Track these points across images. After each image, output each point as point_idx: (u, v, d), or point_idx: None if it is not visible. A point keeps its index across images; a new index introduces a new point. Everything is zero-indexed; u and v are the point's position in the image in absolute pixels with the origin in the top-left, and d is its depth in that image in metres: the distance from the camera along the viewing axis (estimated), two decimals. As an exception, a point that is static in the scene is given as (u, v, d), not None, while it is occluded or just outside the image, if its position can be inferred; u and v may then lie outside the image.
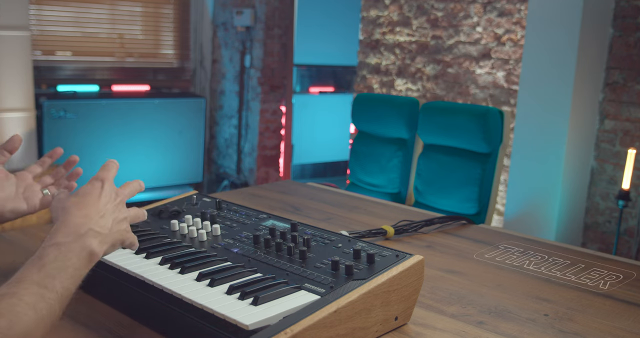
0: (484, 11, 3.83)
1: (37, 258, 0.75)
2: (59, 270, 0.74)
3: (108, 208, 0.85)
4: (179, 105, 5.14)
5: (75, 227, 0.79)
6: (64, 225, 0.79)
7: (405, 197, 3.02)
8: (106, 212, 0.84)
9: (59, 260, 0.75)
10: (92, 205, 0.83)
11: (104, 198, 0.85)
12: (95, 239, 0.80)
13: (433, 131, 2.82)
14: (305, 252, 1.00)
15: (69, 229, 0.79)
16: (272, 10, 5.10)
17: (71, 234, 0.78)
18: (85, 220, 0.81)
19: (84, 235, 0.79)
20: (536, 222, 3.20)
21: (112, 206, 0.86)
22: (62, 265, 0.75)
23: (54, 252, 0.76)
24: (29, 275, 0.73)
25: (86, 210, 0.82)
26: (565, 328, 1.00)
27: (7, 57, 4.09)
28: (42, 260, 0.75)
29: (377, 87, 4.56)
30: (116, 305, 1.02)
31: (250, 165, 5.37)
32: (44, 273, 0.73)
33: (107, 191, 0.86)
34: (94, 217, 0.82)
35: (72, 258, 0.76)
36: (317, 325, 0.82)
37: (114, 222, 0.84)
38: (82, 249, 0.78)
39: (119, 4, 5.09)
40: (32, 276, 0.73)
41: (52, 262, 0.75)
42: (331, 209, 1.71)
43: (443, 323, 1.01)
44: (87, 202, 0.84)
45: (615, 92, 3.18)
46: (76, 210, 0.82)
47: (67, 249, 0.77)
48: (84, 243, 0.78)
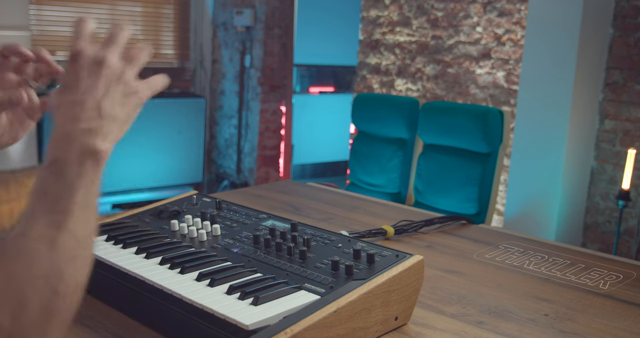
0: (484, 11, 3.83)
1: (36, 188, 0.63)
2: (66, 188, 0.62)
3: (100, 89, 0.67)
4: (179, 105, 5.14)
5: (63, 133, 0.65)
6: (52, 138, 0.65)
7: (405, 197, 3.02)
8: (95, 97, 0.66)
9: (60, 180, 0.62)
10: (75, 95, 0.66)
11: (83, 80, 0.67)
12: (90, 138, 0.64)
13: (433, 131, 2.82)
14: (305, 252, 1.00)
15: (57, 139, 0.65)
16: (272, 10, 5.10)
17: (62, 144, 0.64)
18: (71, 120, 0.65)
19: (75, 139, 0.64)
20: (536, 222, 3.20)
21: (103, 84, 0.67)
22: (64, 183, 0.62)
23: (51, 174, 0.63)
24: (34, 209, 0.61)
25: (69, 106, 0.66)
26: (565, 328, 1.00)
27: (7, 57, 4.09)
28: (42, 187, 0.62)
29: (377, 87, 4.56)
30: (116, 305, 1.02)
31: (250, 165, 5.37)
32: (49, 199, 0.61)
33: (85, 67, 0.67)
34: (80, 110, 0.65)
35: (73, 171, 0.63)
36: (317, 325, 0.82)
37: (111, 105, 0.68)
38: (80, 156, 0.64)
39: (119, 4, 5.09)
40: (37, 207, 0.61)
41: (53, 184, 0.62)
42: (331, 209, 1.71)
43: (443, 323, 1.01)
44: (69, 93, 0.67)
45: (615, 92, 3.18)
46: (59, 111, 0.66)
47: (63, 164, 0.63)
48: (81, 149, 0.64)
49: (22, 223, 0.61)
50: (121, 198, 4.78)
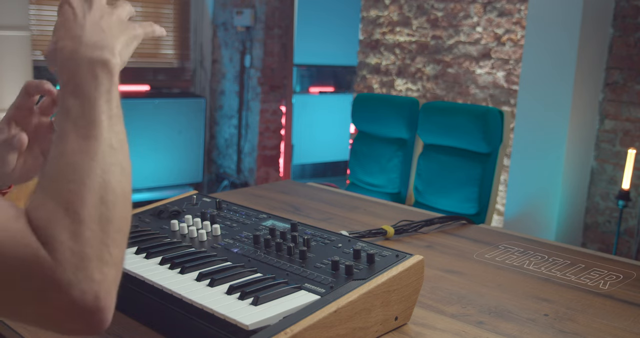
0: (484, 11, 3.83)
1: (60, 110, 0.64)
2: (86, 103, 0.63)
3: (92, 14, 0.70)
4: (179, 105, 5.14)
5: (70, 52, 0.66)
6: (61, 62, 0.67)
7: (405, 197, 3.02)
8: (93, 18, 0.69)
9: (79, 96, 0.63)
10: (71, 21, 0.68)
11: (79, 12, 0.69)
12: (97, 50, 0.66)
13: (433, 131, 2.82)
14: (305, 252, 1.00)
15: (66, 59, 0.66)
16: (272, 10, 5.10)
17: (71, 62, 0.66)
18: (74, 41, 0.67)
19: (84, 54, 0.66)
20: (536, 222, 3.20)
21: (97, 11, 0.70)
22: (84, 97, 0.63)
23: (69, 93, 0.64)
24: (62, 130, 0.62)
25: (67, 26, 0.68)
26: (565, 328, 1.00)
27: (7, 57, 4.09)
28: (64, 107, 0.63)
29: (377, 87, 4.56)
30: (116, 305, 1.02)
31: (250, 165, 5.37)
32: (74, 116, 0.62)
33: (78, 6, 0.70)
34: (81, 30, 0.67)
35: (88, 84, 0.64)
36: (317, 325, 0.82)
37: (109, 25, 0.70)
38: (92, 68, 0.65)
39: (119, 4, 5.09)
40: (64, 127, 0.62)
41: (74, 101, 0.63)
42: (331, 209, 1.71)
43: (443, 323, 1.01)
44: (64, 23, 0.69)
45: (615, 92, 3.18)
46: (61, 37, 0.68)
47: (78, 80, 0.64)
48: (90, 61, 0.65)
49: (54, 145, 0.62)
50: (121, 198, 4.77)
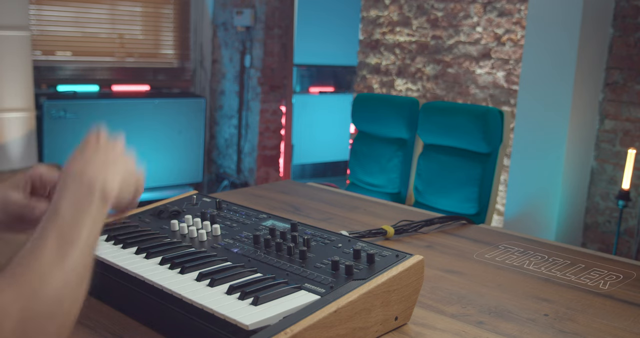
0: (484, 11, 3.83)
1: (51, 214, 0.71)
2: (77, 219, 0.71)
3: (108, 148, 0.81)
4: (179, 105, 5.14)
5: (78, 172, 0.75)
6: (66, 175, 0.75)
7: (405, 197, 3.02)
8: (106, 150, 0.81)
9: (72, 210, 0.71)
10: (91, 148, 0.80)
11: (102, 142, 0.82)
12: (100, 176, 0.76)
13: (433, 131, 2.82)
14: (305, 252, 1.00)
15: (72, 177, 0.75)
16: (272, 10, 5.10)
17: (76, 181, 0.74)
18: (87, 163, 0.77)
19: (90, 178, 0.75)
20: (536, 222, 3.20)
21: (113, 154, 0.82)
22: (77, 213, 0.71)
23: (65, 203, 0.72)
24: (48, 231, 0.69)
25: (86, 154, 0.79)
26: (565, 328, 1.00)
27: (7, 57, 4.09)
28: (57, 214, 0.71)
29: (377, 87, 4.56)
30: (116, 305, 1.02)
31: (250, 165, 5.37)
32: (63, 226, 0.69)
33: (104, 137, 0.83)
34: (95, 157, 0.78)
35: (84, 204, 0.72)
36: (317, 325, 0.82)
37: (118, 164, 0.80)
38: (90, 192, 0.74)
39: (119, 4, 5.09)
40: (51, 231, 0.69)
41: (67, 213, 0.71)
42: (331, 209, 1.71)
43: (443, 323, 1.01)
44: (86, 148, 0.80)
45: (615, 92, 3.18)
46: (75, 160, 0.78)
47: (77, 196, 0.73)
48: (92, 186, 0.74)
49: (33, 238, 0.68)
50: (121, 198, 4.77)
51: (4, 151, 4.16)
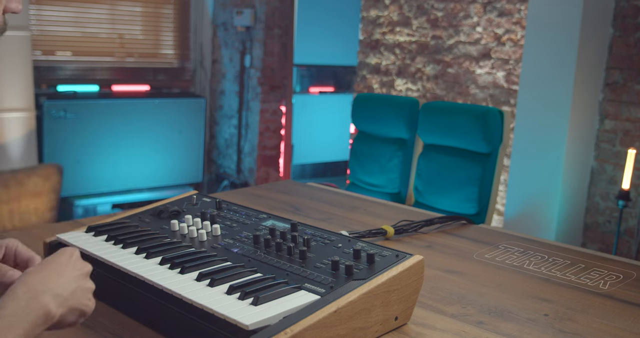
0: (484, 11, 3.83)
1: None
2: (16, 323, 0.74)
3: (71, 274, 0.83)
4: (179, 105, 5.14)
5: (33, 285, 0.79)
6: (23, 284, 0.79)
7: (405, 197, 3.02)
8: (69, 277, 0.83)
9: (16, 315, 0.74)
10: (55, 268, 0.82)
11: (69, 264, 0.84)
12: (53, 300, 0.79)
13: (433, 131, 2.82)
14: (305, 252, 1.00)
15: (27, 287, 0.78)
16: (272, 10, 5.10)
17: (30, 291, 0.78)
18: (45, 280, 0.80)
19: (41, 294, 0.78)
20: (536, 222, 3.20)
21: (77, 273, 0.84)
22: (18, 319, 0.74)
23: (11, 305, 0.75)
24: None
25: (47, 272, 0.82)
26: (565, 328, 1.00)
27: (7, 57, 4.09)
28: (1, 310, 0.75)
29: (377, 87, 4.56)
30: (116, 305, 1.02)
31: (250, 165, 5.37)
32: (2, 324, 0.73)
33: (74, 259, 0.85)
34: (54, 278, 0.81)
35: (29, 315, 0.76)
36: (317, 325, 0.82)
37: (77, 288, 0.83)
38: (38, 308, 0.77)
39: (119, 4, 5.09)
40: None
41: (10, 315, 0.74)
42: (331, 209, 1.71)
43: (443, 323, 1.01)
44: (50, 265, 0.83)
45: (615, 92, 3.18)
46: (37, 272, 0.81)
47: (24, 305, 0.76)
48: (41, 302, 0.77)
49: None
50: (121, 198, 4.78)
51: (4, 151, 4.16)
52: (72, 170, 4.49)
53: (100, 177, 4.68)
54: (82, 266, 0.85)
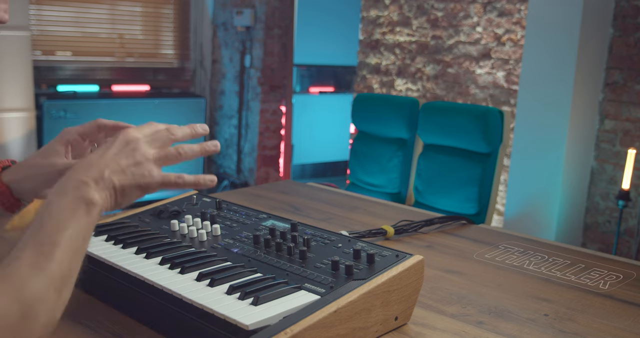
0: (484, 11, 3.83)
1: (36, 222, 0.72)
2: (58, 225, 0.71)
3: (112, 155, 0.78)
4: (179, 105, 5.15)
5: (72, 179, 0.75)
6: (68, 174, 0.76)
7: (405, 197, 3.02)
8: (114, 153, 0.78)
9: (54, 217, 0.71)
10: (101, 150, 0.78)
11: (111, 148, 0.79)
12: (89, 187, 0.74)
13: (433, 131, 2.82)
14: (305, 252, 1.00)
15: (60, 183, 0.75)
16: (272, 10, 5.10)
17: (68, 188, 0.75)
18: (84, 171, 0.76)
19: (79, 186, 0.74)
20: (536, 222, 3.20)
21: (117, 151, 0.79)
22: (58, 219, 0.71)
23: (48, 210, 0.72)
24: (28, 238, 0.70)
25: (93, 155, 0.78)
26: (565, 328, 1.00)
27: (7, 57, 4.09)
28: (39, 219, 0.72)
29: (377, 87, 4.56)
30: (116, 305, 1.02)
31: (250, 165, 5.37)
32: (43, 232, 0.70)
33: (118, 141, 0.80)
34: (93, 164, 0.77)
35: (67, 211, 0.72)
36: (317, 325, 0.82)
37: (119, 165, 0.78)
38: (77, 199, 0.74)
39: (119, 4, 5.09)
40: (31, 238, 0.70)
41: (48, 219, 0.71)
42: (331, 209, 1.71)
43: (443, 323, 1.01)
44: (91, 155, 0.79)
45: (615, 92, 3.18)
46: (85, 158, 0.78)
47: (62, 203, 0.73)
48: (78, 193, 0.74)
49: (16, 249, 0.69)
50: (121, 198, 4.78)
51: (4, 151, 4.16)
52: (72, 170, 4.49)
53: (100, 177, 4.67)
54: (127, 142, 0.80)
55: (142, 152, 0.81)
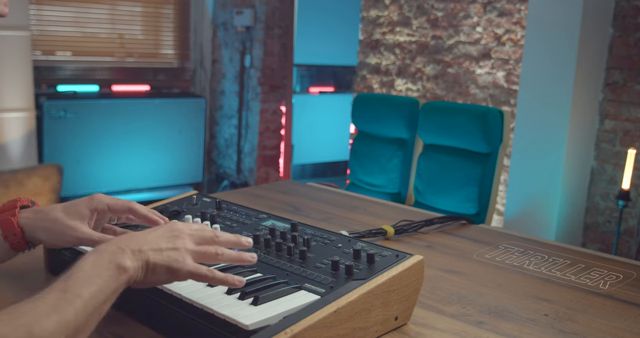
0: (484, 11, 3.83)
1: (67, 271, 0.76)
2: (86, 279, 0.75)
3: (163, 233, 0.85)
4: (179, 105, 5.15)
5: (111, 244, 0.81)
6: (110, 241, 0.81)
7: (405, 197, 3.02)
8: (158, 235, 0.85)
9: (85, 271, 0.76)
10: (140, 233, 0.85)
11: (157, 231, 0.86)
12: (125, 254, 0.80)
13: (433, 131, 2.82)
14: (305, 252, 1.00)
15: (112, 243, 0.81)
16: (272, 10, 5.10)
17: (106, 250, 0.80)
18: (125, 241, 0.82)
19: (116, 251, 0.80)
20: (536, 222, 3.20)
21: (172, 234, 0.85)
22: (89, 275, 0.75)
23: (82, 263, 0.77)
24: (56, 284, 0.74)
25: (140, 232, 0.85)
26: (565, 328, 1.00)
27: (7, 57, 4.09)
28: (71, 270, 0.76)
29: (377, 87, 4.56)
30: (116, 305, 1.02)
31: (250, 165, 5.37)
32: (71, 281, 0.74)
33: (164, 227, 0.87)
34: (135, 238, 0.83)
35: (99, 269, 0.77)
36: (317, 325, 0.82)
37: (166, 246, 0.84)
38: (110, 261, 0.78)
39: (119, 4, 5.09)
40: (59, 284, 0.73)
41: (79, 271, 0.75)
42: (331, 209, 1.71)
43: (443, 323, 1.01)
44: (138, 232, 0.85)
45: (615, 92, 3.18)
46: (130, 233, 0.84)
47: (96, 262, 0.77)
48: (114, 257, 0.79)
49: (44, 290, 0.73)
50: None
51: (4, 151, 4.16)
52: (72, 170, 4.49)
53: (100, 177, 4.68)
54: (174, 230, 0.86)
55: (182, 241, 0.85)
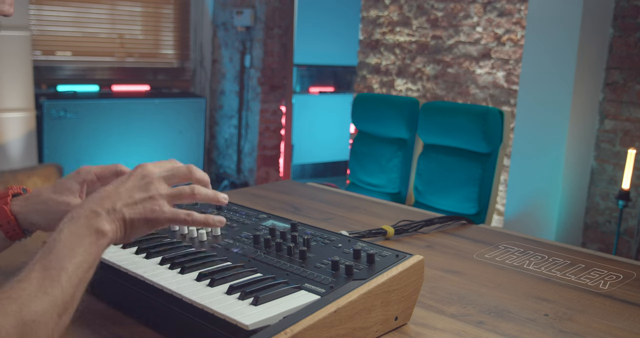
0: (484, 11, 3.83)
1: (46, 245, 0.74)
2: (66, 251, 0.73)
3: (133, 183, 0.81)
4: (179, 105, 5.15)
5: (85, 209, 0.78)
6: (81, 204, 0.79)
7: (405, 197, 3.02)
8: (128, 187, 0.81)
9: (64, 242, 0.74)
10: (110, 188, 0.81)
11: (127, 182, 0.82)
12: (100, 217, 0.77)
13: (433, 131, 2.82)
14: (305, 252, 1.00)
15: (77, 212, 0.78)
16: (272, 10, 5.10)
17: (80, 216, 0.77)
18: (98, 201, 0.79)
19: (91, 216, 0.77)
20: (536, 222, 3.20)
21: (132, 185, 0.81)
22: (68, 246, 0.74)
23: (59, 235, 0.75)
24: (37, 260, 0.72)
25: (108, 188, 0.81)
26: (565, 328, 1.00)
27: (7, 57, 4.09)
28: (50, 243, 0.74)
29: (377, 87, 4.56)
30: (116, 305, 1.02)
31: (250, 165, 5.37)
32: (52, 255, 0.72)
33: (134, 175, 0.83)
34: (108, 196, 0.80)
35: (78, 238, 0.75)
36: (317, 325, 0.82)
37: (132, 198, 0.80)
38: (87, 228, 0.76)
39: (119, 4, 5.09)
40: (40, 260, 0.72)
41: (58, 243, 0.74)
42: (331, 209, 1.71)
43: (443, 323, 1.01)
44: (107, 187, 0.81)
45: (615, 92, 3.18)
46: (99, 191, 0.81)
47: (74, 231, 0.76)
48: (90, 222, 0.77)
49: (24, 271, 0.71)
50: (121, 198, 4.78)
51: (4, 151, 4.16)
52: (72, 170, 4.49)
53: (100, 177, 4.67)
54: (142, 176, 0.83)
55: (156, 187, 0.83)
